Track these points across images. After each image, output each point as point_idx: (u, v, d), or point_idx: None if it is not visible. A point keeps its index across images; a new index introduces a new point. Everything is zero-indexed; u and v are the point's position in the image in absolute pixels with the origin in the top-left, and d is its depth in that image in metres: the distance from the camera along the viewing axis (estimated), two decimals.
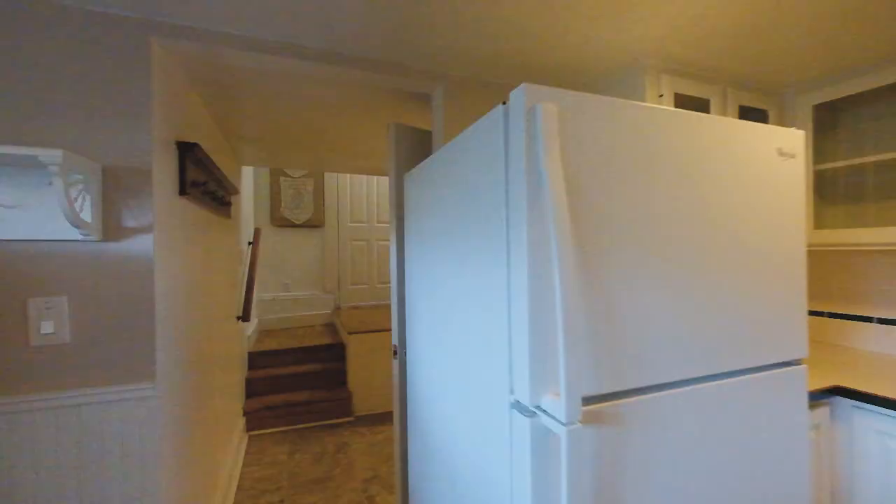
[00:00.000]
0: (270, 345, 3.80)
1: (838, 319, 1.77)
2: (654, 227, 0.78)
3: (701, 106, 1.55)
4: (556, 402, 0.65)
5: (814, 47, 1.36)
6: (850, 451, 1.26)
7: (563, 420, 0.62)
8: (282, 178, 4.64)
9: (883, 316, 1.62)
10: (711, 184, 0.83)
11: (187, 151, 1.44)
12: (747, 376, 0.85)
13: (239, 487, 2.41)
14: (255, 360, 3.58)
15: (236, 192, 2.50)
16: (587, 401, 0.72)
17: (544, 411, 0.68)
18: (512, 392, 0.74)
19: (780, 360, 0.89)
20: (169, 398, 1.26)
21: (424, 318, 1.21)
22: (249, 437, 3.08)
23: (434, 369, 1.14)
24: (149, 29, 1.15)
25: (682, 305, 0.80)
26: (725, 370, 0.84)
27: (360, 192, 4.99)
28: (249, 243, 3.61)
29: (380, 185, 5.09)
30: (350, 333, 3.50)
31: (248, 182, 4.19)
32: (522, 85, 0.69)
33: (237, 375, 2.93)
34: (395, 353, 1.66)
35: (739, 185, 0.85)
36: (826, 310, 1.82)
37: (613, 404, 0.74)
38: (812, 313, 1.86)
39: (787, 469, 0.92)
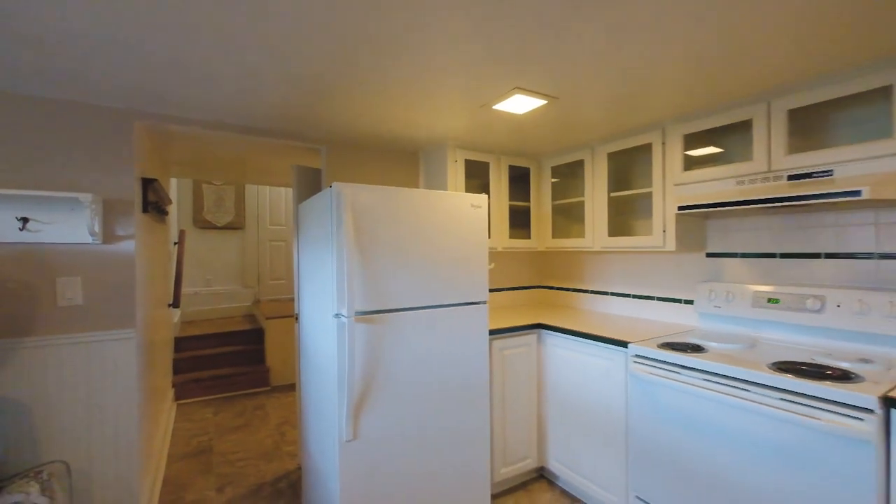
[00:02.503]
0: (195, 331, 4.37)
1: (563, 291, 2.97)
2: (398, 241, 1.74)
3: (483, 167, 2.61)
4: (347, 311, 1.58)
5: (550, 141, 2.45)
6: (545, 357, 2.36)
7: (346, 317, 1.56)
8: (204, 185, 5.14)
9: (585, 288, 2.82)
10: (431, 222, 1.81)
11: (148, 184, 2.18)
12: (452, 307, 1.86)
13: (173, 435, 3.07)
14: (182, 343, 4.14)
15: (171, 202, 3.15)
16: (361, 313, 1.65)
17: (344, 315, 1.60)
18: (334, 309, 1.65)
19: (471, 301, 1.91)
20: (141, 339, 2.01)
21: (306, 288, 2.09)
22: (178, 405, 3.69)
23: (307, 315, 2.02)
24: (133, 115, 1.90)
25: (413, 274, 1.77)
26: (438, 304, 1.83)
27: (278, 198, 5.64)
28: (175, 243, 4.17)
29: None
30: (268, 318, 4.22)
31: (173, 187, 4.68)
32: (335, 183, 1.62)
33: (167, 356, 3.53)
34: (297, 318, 2.51)
35: (449, 222, 1.85)
36: (557, 285, 3.01)
37: (374, 315, 1.68)
38: (547, 287, 3.06)
39: (473, 361, 1.95)
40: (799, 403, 1.31)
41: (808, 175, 1.57)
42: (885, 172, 1.41)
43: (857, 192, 1.33)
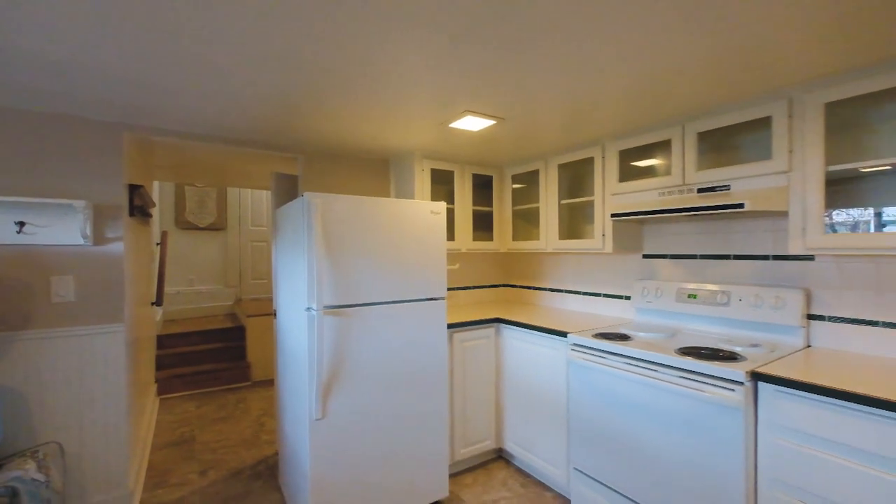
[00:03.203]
0: (177, 329, 4.51)
1: (525, 289, 3.23)
2: (364, 244, 1.96)
3: (449, 174, 2.85)
4: (316, 305, 1.79)
5: (510, 152, 2.70)
6: (503, 348, 2.61)
7: (316, 310, 1.77)
8: (186, 187, 5.27)
9: (544, 286, 3.08)
10: (394, 227, 2.04)
11: (135, 190, 2.35)
12: (413, 303, 2.09)
13: (157, 426, 3.23)
14: (165, 341, 4.28)
15: (154, 205, 3.30)
16: (329, 307, 1.87)
17: (314, 309, 1.81)
18: (305, 304, 1.87)
19: (430, 297, 2.15)
20: (129, 334, 2.18)
21: (282, 286, 2.29)
22: (161, 399, 3.84)
23: (283, 310, 2.23)
24: (123, 127, 2.09)
25: (377, 273, 1.99)
26: (400, 299, 2.06)
27: (260, 200, 5.78)
28: (157, 244, 4.30)
29: None
30: (249, 317, 4.39)
31: (155, 190, 4.80)
32: (306, 193, 1.83)
33: (150, 352, 3.67)
34: (275, 314, 2.70)
35: (410, 227, 2.08)
36: (519, 283, 3.28)
37: (341, 309, 1.90)
38: (512, 286, 3.32)
39: (432, 350, 2.19)
40: (692, 380, 1.58)
41: (713, 189, 1.85)
42: (767, 188, 1.69)
43: (741, 205, 1.60)
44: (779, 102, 1.65)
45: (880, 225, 1.61)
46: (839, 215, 1.72)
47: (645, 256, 2.46)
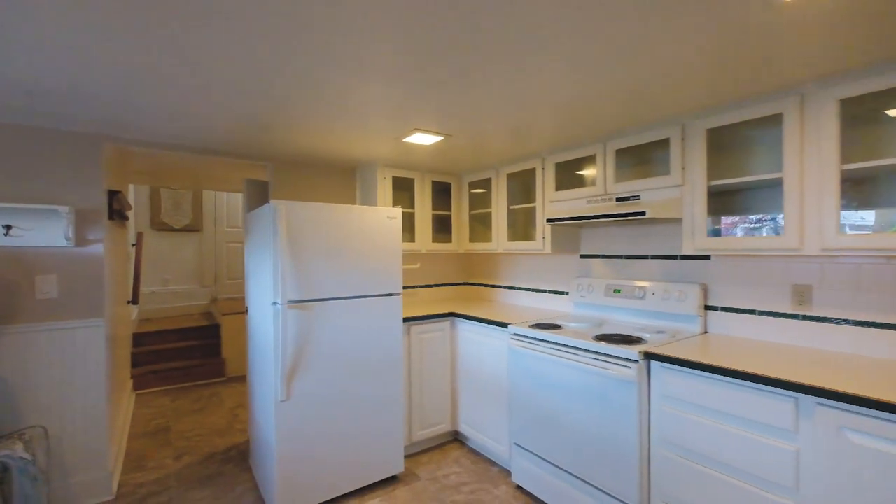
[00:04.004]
0: (153, 327, 4.63)
1: (484, 286, 3.52)
2: (325, 246, 2.20)
3: (410, 182, 3.11)
4: (281, 300, 2.02)
5: (466, 162, 2.97)
6: (459, 341, 2.88)
7: (280, 304, 2.01)
8: (162, 189, 5.38)
9: (499, 283, 3.37)
10: (353, 230, 2.29)
11: (114, 195, 2.53)
12: (370, 298, 2.34)
13: (133, 419, 3.39)
14: (141, 339, 4.41)
15: (131, 208, 3.46)
16: (293, 301, 2.11)
17: (279, 303, 2.05)
18: (272, 299, 2.09)
19: (387, 293, 2.40)
20: (108, 328, 2.37)
21: (253, 283, 2.51)
22: (137, 395, 3.97)
23: (253, 305, 2.45)
24: (104, 140, 2.27)
25: (337, 271, 2.24)
26: (358, 294, 2.31)
27: (236, 202, 5.92)
28: (133, 245, 4.43)
29: None
30: (224, 315, 4.55)
31: (131, 192, 4.90)
32: (272, 200, 2.06)
33: (126, 349, 3.81)
34: (247, 310, 2.91)
35: (368, 231, 2.33)
36: (478, 281, 3.57)
37: (304, 303, 2.13)
38: (472, 283, 3.61)
39: (389, 341, 2.44)
40: (602, 360, 1.88)
41: (627, 198, 2.16)
42: (667, 199, 2.01)
43: (643, 213, 1.91)
44: (675, 127, 1.97)
45: (755, 230, 1.94)
46: (726, 220, 2.04)
47: (582, 256, 2.77)
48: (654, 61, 1.45)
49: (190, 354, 4.50)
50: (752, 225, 1.94)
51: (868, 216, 1.65)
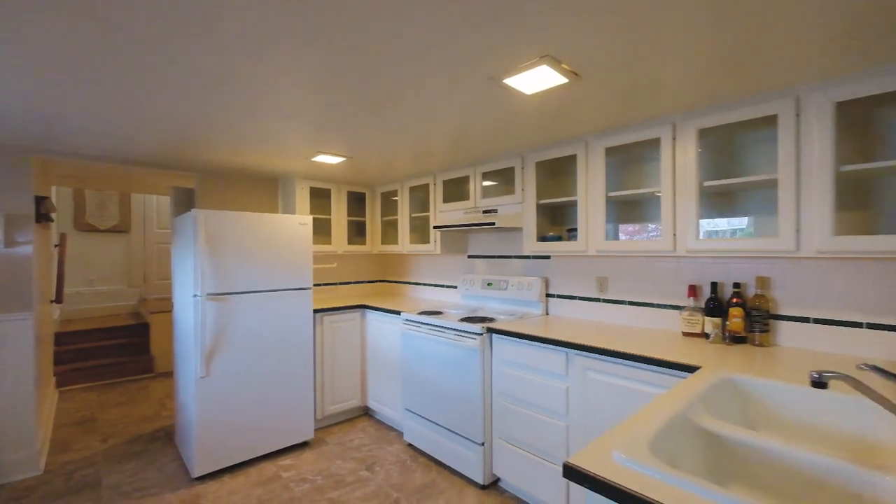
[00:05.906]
0: (78, 326, 4.70)
1: (397, 283, 4.06)
2: (242, 248, 2.62)
3: (326, 192, 3.57)
4: (201, 292, 2.42)
5: (375, 175, 3.45)
6: (368, 329, 3.37)
7: (200, 296, 2.40)
8: (87, 190, 5.39)
9: (409, 280, 3.91)
10: (267, 235, 2.72)
11: (41, 200, 2.77)
12: (282, 291, 2.78)
13: (57, 414, 3.55)
14: (64, 338, 4.48)
15: (55, 210, 3.62)
16: (212, 294, 2.50)
17: (199, 295, 2.43)
18: (193, 292, 2.47)
19: (298, 287, 2.85)
20: (36, 322, 2.62)
21: (178, 280, 2.85)
22: (61, 392, 4.08)
23: (178, 298, 2.79)
24: (33, 152, 2.54)
25: (252, 269, 2.66)
26: (271, 288, 2.74)
27: (165, 203, 6.02)
28: (56, 245, 4.49)
29: None
30: (152, 313, 4.72)
31: (53, 193, 4.91)
32: (193, 209, 2.46)
33: (49, 347, 3.93)
34: (173, 305, 3.22)
35: (281, 235, 2.77)
36: (392, 279, 4.11)
37: (222, 296, 2.54)
38: (387, 281, 4.13)
39: (299, 328, 2.89)
40: (461, 335, 2.46)
41: (490, 211, 2.77)
42: (513, 212, 2.63)
43: (493, 223, 2.52)
44: (517, 159, 2.60)
45: (571, 236, 2.62)
46: (553, 228, 2.71)
47: (469, 256, 3.37)
48: (504, 109, 2.04)
49: (118, 352, 4.63)
50: (569, 232, 2.61)
51: (632, 229, 2.35)
